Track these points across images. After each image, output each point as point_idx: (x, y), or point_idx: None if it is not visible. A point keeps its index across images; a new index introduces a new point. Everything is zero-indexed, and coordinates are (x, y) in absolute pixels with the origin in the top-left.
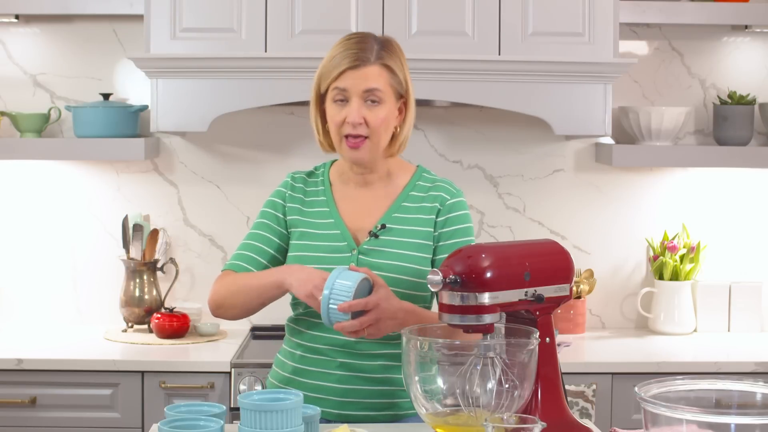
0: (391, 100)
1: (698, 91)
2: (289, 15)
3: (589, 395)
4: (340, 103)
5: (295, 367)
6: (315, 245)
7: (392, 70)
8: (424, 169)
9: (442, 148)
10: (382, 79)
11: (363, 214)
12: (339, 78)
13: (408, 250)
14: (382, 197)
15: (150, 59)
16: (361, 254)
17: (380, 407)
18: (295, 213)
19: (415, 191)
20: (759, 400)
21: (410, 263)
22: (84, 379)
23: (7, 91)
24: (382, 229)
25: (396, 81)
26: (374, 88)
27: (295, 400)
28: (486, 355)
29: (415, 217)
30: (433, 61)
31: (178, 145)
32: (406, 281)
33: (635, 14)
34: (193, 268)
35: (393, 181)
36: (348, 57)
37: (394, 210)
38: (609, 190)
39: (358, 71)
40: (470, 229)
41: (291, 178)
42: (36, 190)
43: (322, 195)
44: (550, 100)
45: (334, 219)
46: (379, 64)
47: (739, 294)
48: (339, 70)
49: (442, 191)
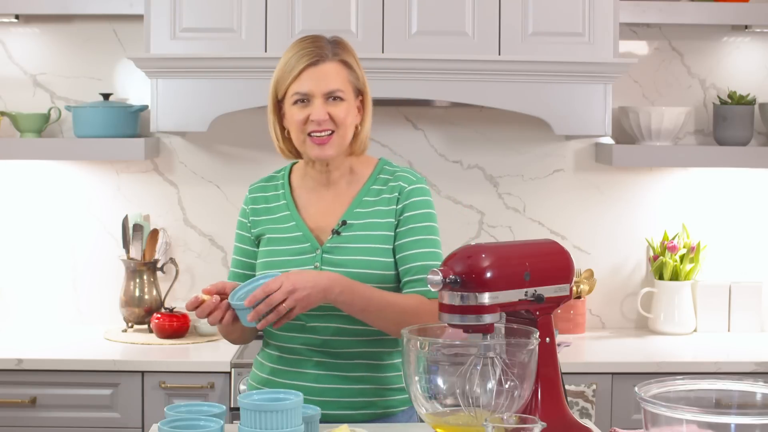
0: (351, 97)
1: (698, 91)
2: (289, 15)
3: (589, 395)
4: (300, 104)
5: (273, 368)
6: (280, 249)
7: (350, 66)
8: (386, 162)
9: (442, 148)
10: (341, 77)
11: (325, 213)
12: (298, 79)
13: (371, 243)
14: (344, 194)
15: (150, 59)
16: (325, 253)
17: (358, 406)
18: (259, 224)
19: (376, 185)
20: (759, 400)
21: (374, 257)
22: (84, 379)
23: (7, 91)
24: (343, 225)
25: (354, 77)
26: (335, 89)
27: (295, 400)
28: (486, 355)
29: (376, 210)
30: (433, 61)
31: (178, 145)
32: (373, 275)
33: (635, 14)
34: (193, 268)
35: (355, 177)
36: (305, 55)
37: (355, 206)
38: (609, 190)
39: (317, 68)
40: (429, 215)
41: (249, 191)
42: (36, 190)
43: (283, 199)
44: (550, 100)
45: (295, 221)
46: (336, 60)
47: (739, 294)
48: (298, 68)
49: (401, 180)
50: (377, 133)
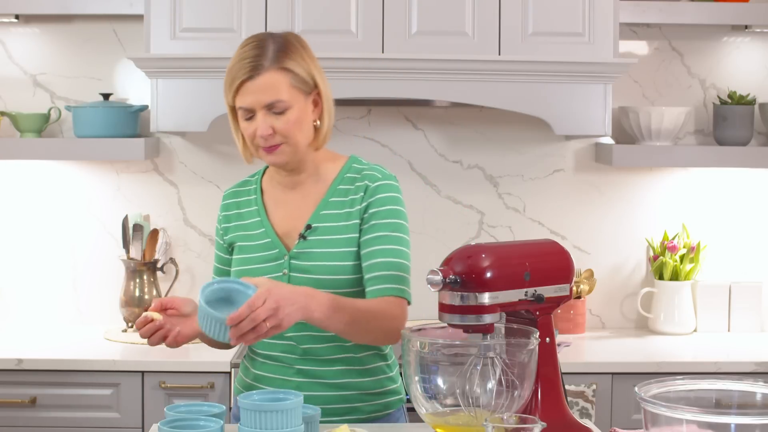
0: (298, 100)
1: (698, 91)
2: (289, 15)
3: (589, 395)
4: (246, 117)
5: (256, 373)
6: (250, 257)
7: (291, 70)
8: (355, 159)
9: (442, 148)
10: (281, 85)
11: (293, 216)
12: (239, 93)
13: (337, 247)
14: (311, 195)
15: (150, 59)
16: (293, 259)
17: (341, 412)
18: (230, 231)
19: (343, 184)
20: (759, 400)
21: (341, 261)
22: (84, 379)
23: (7, 91)
24: (308, 230)
25: (298, 80)
26: (274, 101)
27: (295, 400)
28: (486, 355)
29: (343, 212)
30: (433, 61)
31: (178, 145)
32: (341, 280)
33: (635, 14)
34: (193, 268)
35: (321, 178)
36: (243, 68)
37: (321, 207)
38: (609, 190)
39: (254, 82)
40: (395, 212)
41: (222, 197)
42: (36, 190)
43: (254, 204)
44: (550, 100)
45: (265, 228)
46: (275, 68)
47: (739, 294)
48: (236, 84)
49: (367, 179)
50: (377, 133)
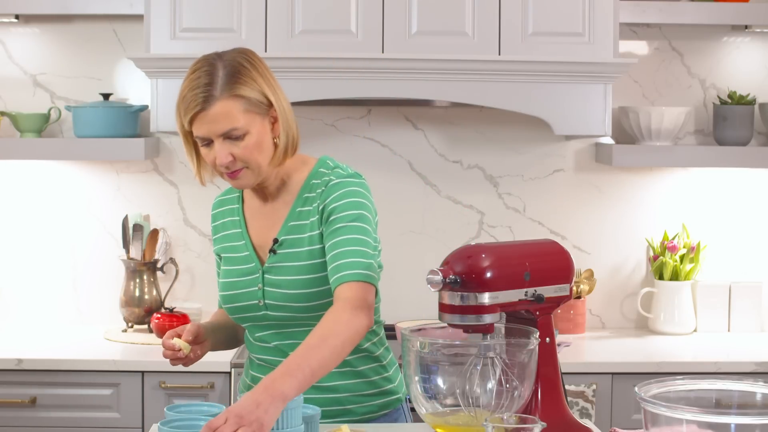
0: (254, 123)
1: (698, 91)
2: (289, 15)
3: (589, 395)
4: (204, 145)
5: (253, 375)
6: (231, 270)
7: (243, 96)
8: (323, 163)
9: (442, 148)
10: (234, 112)
11: (267, 229)
12: (193, 123)
13: (306, 260)
14: (281, 207)
15: (150, 59)
16: (266, 273)
17: (334, 414)
18: (219, 242)
19: (309, 192)
20: (759, 400)
21: (311, 274)
22: (84, 379)
23: (7, 91)
24: (276, 244)
25: (251, 104)
26: (229, 130)
27: (295, 400)
28: (486, 355)
29: (308, 222)
30: (433, 61)
31: (178, 145)
32: (312, 293)
33: (635, 14)
34: (193, 268)
35: (288, 187)
36: (194, 99)
37: (289, 219)
38: (609, 190)
39: (207, 113)
40: (353, 204)
41: (212, 206)
42: (36, 190)
43: (237, 215)
44: (550, 100)
45: (244, 240)
46: (226, 96)
47: (739, 294)
48: (189, 116)
49: (324, 184)
50: (377, 133)
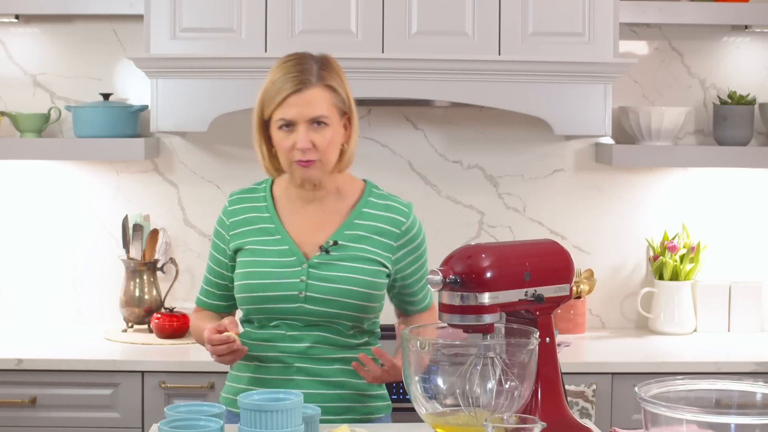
0: (336, 120)
1: (698, 91)
2: (289, 15)
3: (589, 395)
4: (285, 128)
5: (252, 377)
6: (263, 261)
7: (334, 89)
8: (372, 185)
9: (442, 148)
10: (325, 102)
11: (312, 229)
12: (283, 105)
13: (361, 263)
14: (333, 213)
15: (150, 59)
16: (312, 268)
17: (338, 411)
18: (238, 236)
19: (368, 208)
20: (759, 400)
21: (363, 275)
22: (84, 379)
23: (7, 91)
24: (333, 245)
25: (339, 100)
26: (318, 116)
27: (295, 400)
28: (486, 355)
29: (368, 236)
30: (433, 61)
31: (178, 145)
32: (359, 292)
33: (635, 14)
34: (193, 268)
35: (343, 198)
36: (289, 81)
37: (346, 227)
38: (609, 190)
39: (301, 95)
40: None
41: (229, 201)
42: (36, 190)
43: (266, 212)
44: (550, 100)
45: (281, 235)
46: (321, 85)
47: (739, 294)
48: (282, 95)
49: (395, 212)
50: (377, 133)
